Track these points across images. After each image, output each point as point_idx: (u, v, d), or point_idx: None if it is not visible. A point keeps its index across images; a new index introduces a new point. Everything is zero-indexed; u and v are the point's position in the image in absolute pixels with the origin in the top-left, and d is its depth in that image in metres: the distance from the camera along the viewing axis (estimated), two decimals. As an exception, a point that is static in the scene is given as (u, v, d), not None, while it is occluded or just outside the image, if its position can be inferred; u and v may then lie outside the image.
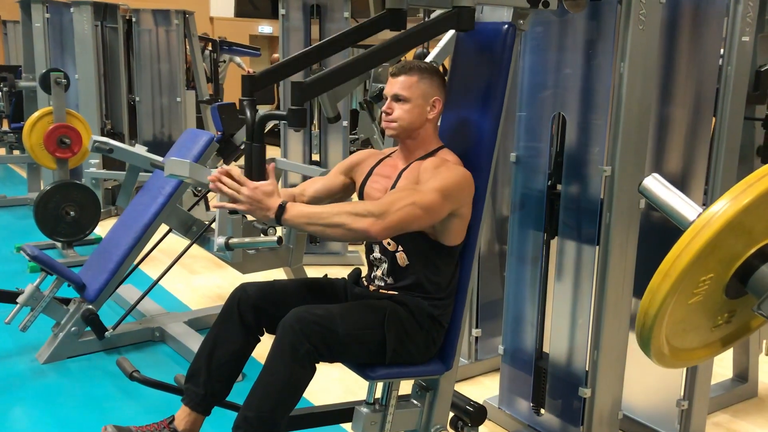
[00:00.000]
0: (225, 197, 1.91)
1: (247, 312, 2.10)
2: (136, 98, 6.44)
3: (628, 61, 2.23)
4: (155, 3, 7.40)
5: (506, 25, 2.04)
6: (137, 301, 3.43)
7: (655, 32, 2.28)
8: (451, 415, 2.24)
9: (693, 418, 2.63)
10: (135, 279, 3.79)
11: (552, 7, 2.02)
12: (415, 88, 2.08)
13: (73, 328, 3.31)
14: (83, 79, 5.86)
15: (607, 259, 2.35)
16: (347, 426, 2.24)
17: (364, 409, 2.07)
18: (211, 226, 3.44)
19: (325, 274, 2.44)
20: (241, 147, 3.75)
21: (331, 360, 1.99)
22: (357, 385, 3.02)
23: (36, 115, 5.10)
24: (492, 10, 2.55)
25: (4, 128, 7.05)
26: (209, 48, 8.91)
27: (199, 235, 3.45)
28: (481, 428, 2.33)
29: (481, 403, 2.24)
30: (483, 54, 2.11)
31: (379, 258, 2.15)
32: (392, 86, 2.10)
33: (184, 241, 3.54)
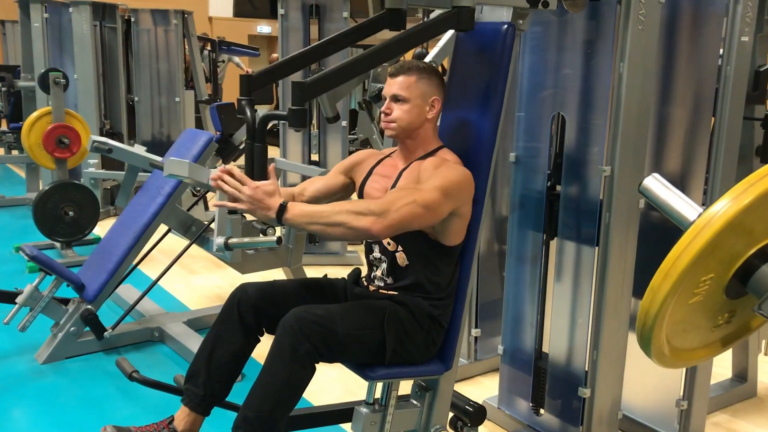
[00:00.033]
0: (226, 196, 1.91)
1: (247, 312, 2.10)
2: (135, 98, 6.44)
3: (628, 61, 2.23)
4: (154, 3, 7.39)
5: (506, 25, 2.04)
6: (136, 302, 3.42)
7: (655, 32, 2.28)
8: (450, 415, 2.23)
9: (692, 417, 2.63)
10: (134, 279, 3.79)
11: (551, 7, 2.02)
12: (413, 88, 2.08)
13: (72, 329, 3.30)
14: (82, 79, 5.85)
15: (607, 259, 2.35)
16: (347, 426, 2.24)
17: (364, 410, 2.07)
18: (210, 226, 3.44)
19: (325, 274, 2.44)
20: (241, 147, 3.75)
21: (331, 360, 1.99)
22: (356, 385, 3.02)
23: (35, 115, 5.09)
24: (491, 10, 2.54)
25: (3, 128, 7.03)
26: (208, 48, 8.91)
27: (198, 235, 3.45)
28: (481, 428, 2.33)
29: (480, 403, 2.23)
30: (482, 54, 2.11)
31: (379, 258, 2.15)
32: (391, 86, 2.10)
33: (183, 241, 3.54)
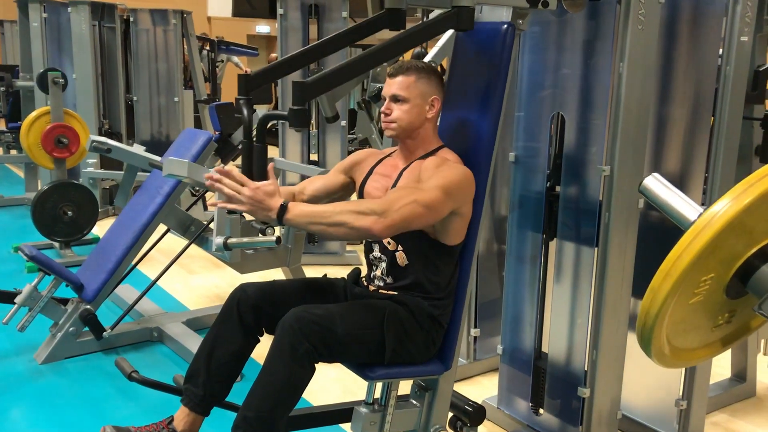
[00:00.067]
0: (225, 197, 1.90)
1: (246, 312, 2.10)
2: (134, 98, 6.44)
3: (627, 61, 2.23)
4: (153, 3, 7.38)
5: (505, 25, 2.04)
6: (135, 301, 3.42)
7: (654, 32, 2.28)
8: (450, 415, 2.23)
9: (691, 417, 2.63)
10: (133, 279, 3.78)
11: (551, 7, 2.02)
12: (413, 88, 2.08)
13: (71, 329, 3.30)
14: (81, 79, 5.85)
15: (606, 259, 2.35)
16: (346, 426, 2.24)
17: (363, 410, 2.06)
18: (210, 225, 3.44)
19: (325, 274, 2.44)
20: (239, 147, 3.75)
21: (331, 360, 1.99)
22: (356, 385, 3.02)
23: (33, 114, 5.09)
24: (491, 10, 2.54)
25: (2, 128, 7.03)
26: (207, 48, 8.91)
27: (197, 234, 3.45)
28: (480, 428, 2.33)
29: (479, 403, 2.23)
30: (482, 54, 2.11)
31: (379, 257, 2.15)
32: (390, 87, 2.09)
33: (183, 241, 3.54)
